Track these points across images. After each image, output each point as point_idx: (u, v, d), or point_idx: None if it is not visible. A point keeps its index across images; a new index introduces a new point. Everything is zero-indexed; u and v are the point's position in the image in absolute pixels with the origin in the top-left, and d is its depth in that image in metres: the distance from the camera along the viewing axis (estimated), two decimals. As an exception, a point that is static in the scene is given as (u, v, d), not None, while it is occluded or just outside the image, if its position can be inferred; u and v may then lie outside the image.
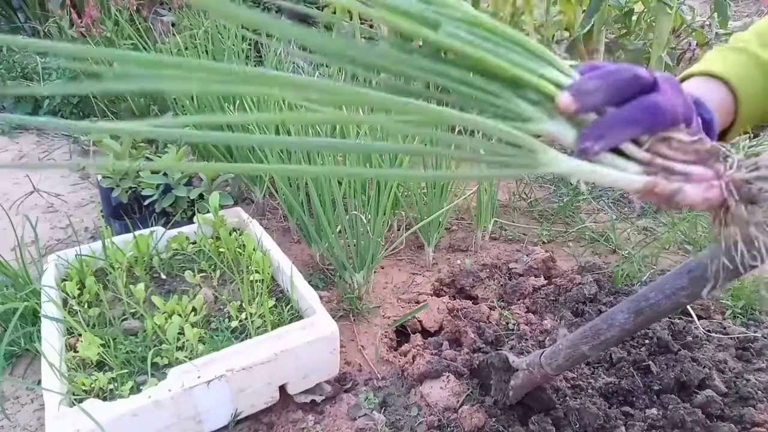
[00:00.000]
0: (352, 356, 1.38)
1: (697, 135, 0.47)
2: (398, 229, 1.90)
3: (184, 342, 1.17)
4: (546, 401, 1.15)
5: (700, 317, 1.46)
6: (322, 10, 3.58)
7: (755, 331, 1.41)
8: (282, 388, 1.17)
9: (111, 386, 1.08)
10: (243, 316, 1.26)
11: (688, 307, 1.46)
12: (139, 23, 2.54)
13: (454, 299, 1.58)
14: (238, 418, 1.13)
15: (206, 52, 1.95)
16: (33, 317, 1.37)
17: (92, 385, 1.06)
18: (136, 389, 1.07)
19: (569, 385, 1.21)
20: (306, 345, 1.14)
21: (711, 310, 1.50)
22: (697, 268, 0.75)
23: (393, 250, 1.77)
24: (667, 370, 1.22)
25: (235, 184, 2.12)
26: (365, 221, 1.45)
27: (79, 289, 1.32)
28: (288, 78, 0.36)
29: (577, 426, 1.10)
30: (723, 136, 0.69)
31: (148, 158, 1.79)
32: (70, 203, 2.14)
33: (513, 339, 1.38)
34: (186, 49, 2.02)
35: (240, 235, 1.57)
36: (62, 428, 0.92)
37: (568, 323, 1.43)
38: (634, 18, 2.52)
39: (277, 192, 1.78)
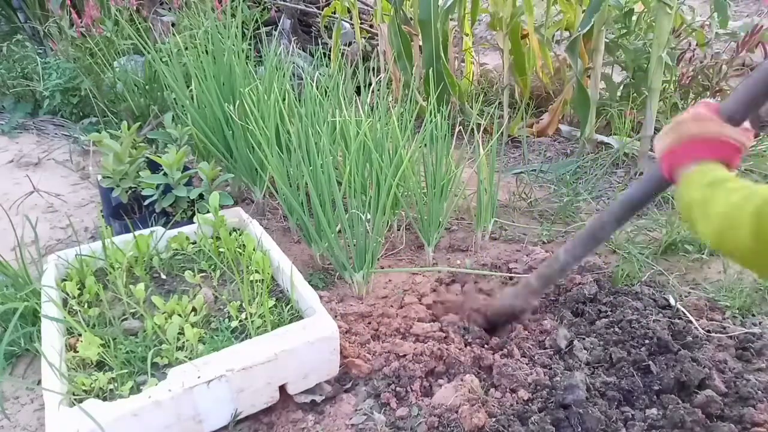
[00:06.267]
0: (352, 356, 1.37)
1: None
2: (398, 229, 1.90)
3: (184, 342, 1.17)
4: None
5: (699, 317, 1.46)
6: (322, 10, 3.58)
7: (755, 331, 1.41)
8: (282, 388, 1.17)
9: (111, 386, 1.08)
10: (243, 316, 1.26)
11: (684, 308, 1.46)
12: (139, 23, 2.53)
13: (454, 299, 1.57)
14: (238, 418, 1.13)
15: (206, 52, 1.95)
16: (33, 317, 1.36)
17: (92, 385, 1.06)
18: (136, 389, 1.07)
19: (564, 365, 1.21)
20: (306, 345, 1.14)
21: (710, 310, 1.50)
22: None
23: (393, 250, 1.77)
24: (667, 370, 1.22)
25: (235, 184, 2.12)
26: (365, 221, 1.45)
27: (79, 289, 1.32)
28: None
29: (579, 428, 1.10)
30: None
31: (148, 158, 1.79)
32: (70, 203, 2.14)
33: (514, 339, 1.38)
34: (186, 49, 2.02)
35: (240, 235, 1.57)
36: (62, 428, 0.91)
37: (568, 323, 1.43)
38: (634, 18, 2.51)
39: (277, 192, 1.78)
